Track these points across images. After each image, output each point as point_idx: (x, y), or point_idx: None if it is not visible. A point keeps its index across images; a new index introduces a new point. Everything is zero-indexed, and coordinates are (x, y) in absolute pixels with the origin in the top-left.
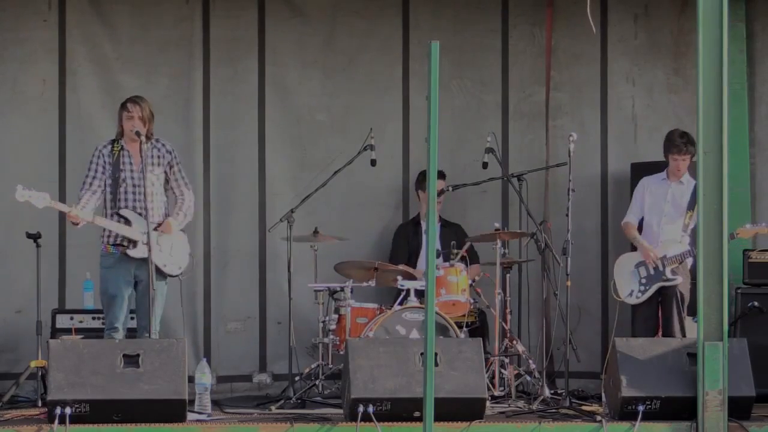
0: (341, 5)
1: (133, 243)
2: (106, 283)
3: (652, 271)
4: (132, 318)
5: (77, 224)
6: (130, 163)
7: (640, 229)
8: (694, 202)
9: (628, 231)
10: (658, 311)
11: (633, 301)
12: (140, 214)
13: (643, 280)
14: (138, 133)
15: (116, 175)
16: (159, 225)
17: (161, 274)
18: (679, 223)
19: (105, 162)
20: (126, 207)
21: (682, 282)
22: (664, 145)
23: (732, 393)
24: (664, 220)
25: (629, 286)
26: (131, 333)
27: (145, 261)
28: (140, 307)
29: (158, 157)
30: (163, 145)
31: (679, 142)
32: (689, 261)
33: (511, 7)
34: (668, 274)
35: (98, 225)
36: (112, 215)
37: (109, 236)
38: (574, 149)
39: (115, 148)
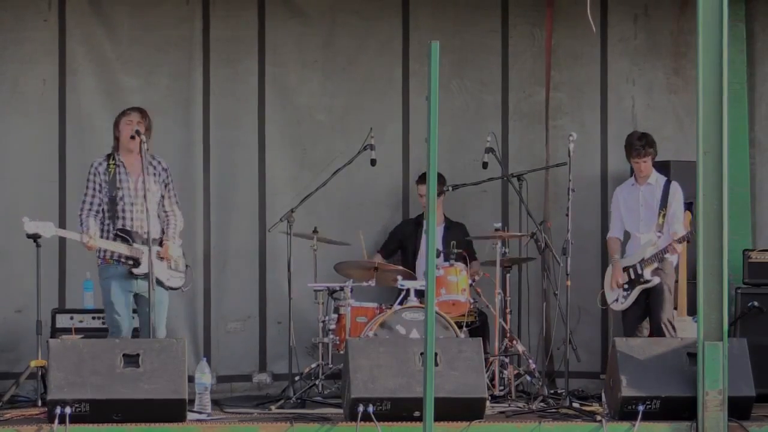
0: (341, 5)
1: (136, 261)
2: (109, 293)
3: (632, 275)
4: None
5: (91, 249)
6: (127, 180)
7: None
8: (666, 202)
9: (610, 246)
10: (644, 313)
11: (619, 307)
12: (137, 232)
13: (626, 286)
14: (138, 132)
15: (113, 193)
16: (160, 243)
17: (163, 286)
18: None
19: (101, 180)
20: (124, 225)
21: (664, 278)
22: (624, 149)
23: (732, 393)
24: (642, 224)
25: (615, 293)
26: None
27: (147, 276)
28: (143, 322)
29: (155, 174)
30: (159, 162)
31: (637, 145)
32: (670, 258)
33: (511, 8)
34: (646, 276)
35: (105, 248)
36: (113, 235)
37: (107, 251)
38: (574, 149)
39: (111, 165)
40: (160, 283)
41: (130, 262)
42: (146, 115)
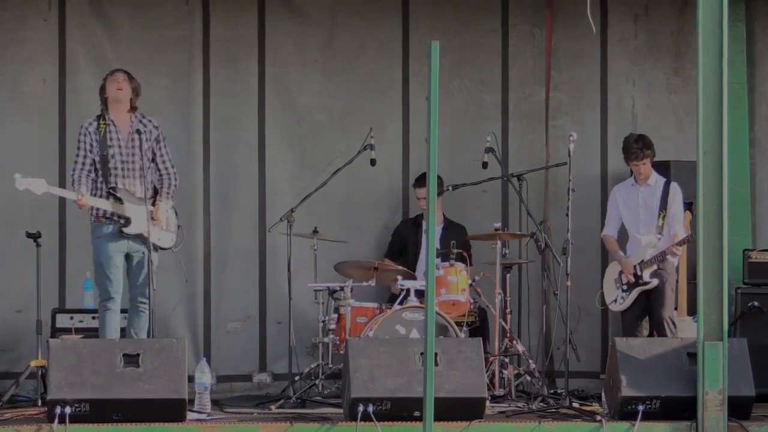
0: (341, 5)
1: (127, 220)
2: (100, 252)
3: (632, 277)
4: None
5: (82, 207)
6: (118, 138)
7: (623, 239)
8: (665, 203)
9: (607, 244)
10: (643, 313)
11: (617, 308)
12: (127, 191)
13: (624, 287)
14: (139, 131)
15: (104, 152)
16: (152, 203)
17: (155, 247)
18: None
19: (92, 139)
20: (116, 183)
21: (666, 276)
22: (622, 153)
23: (732, 393)
24: (642, 225)
25: (613, 293)
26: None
27: (139, 236)
28: (134, 280)
29: (145, 131)
30: (150, 120)
31: (635, 148)
32: (672, 259)
33: (511, 8)
34: (646, 277)
35: (97, 206)
36: (104, 194)
37: (100, 210)
38: (574, 149)
39: (101, 124)
40: (152, 244)
41: (122, 221)
42: (132, 76)
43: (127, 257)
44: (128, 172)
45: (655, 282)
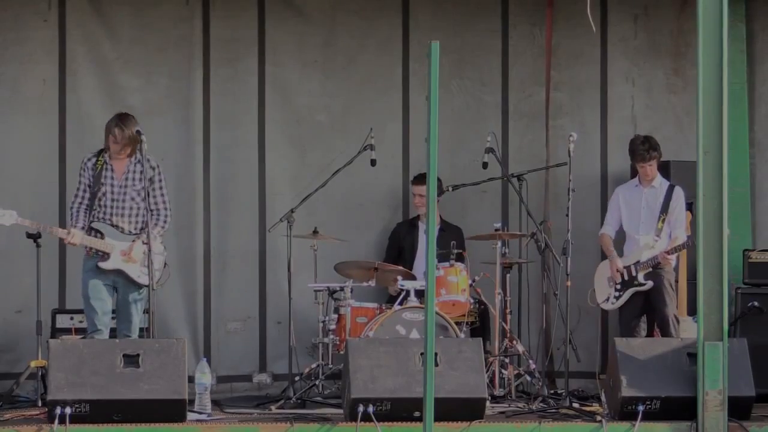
0: (341, 5)
1: (106, 255)
2: (86, 287)
3: (626, 276)
4: (113, 318)
5: (73, 245)
6: (112, 177)
7: (620, 240)
8: (667, 206)
9: (603, 242)
10: (641, 311)
11: (608, 306)
12: (115, 226)
13: (618, 286)
14: (139, 132)
15: (96, 188)
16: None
17: (135, 284)
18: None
19: (89, 175)
20: (102, 220)
21: (664, 275)
22: (629, 154)
23: (732, 393)
24: (642, 226)
25: (605, 292)
26: (111, 335)
27: (119, 271)
28: (119, 313)
29: (140, 172)
30: (148, 160)
31: (641, 149)
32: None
33: (511, 8)
34: (640, 279)
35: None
36: (88, 229)
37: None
38: (574, 149)
39: (99, 162)
40: (130, 279)
41: (106, 257)
42: (124, 128)
43: (117, 290)
44: (118, 210)
45: (649, 284)
